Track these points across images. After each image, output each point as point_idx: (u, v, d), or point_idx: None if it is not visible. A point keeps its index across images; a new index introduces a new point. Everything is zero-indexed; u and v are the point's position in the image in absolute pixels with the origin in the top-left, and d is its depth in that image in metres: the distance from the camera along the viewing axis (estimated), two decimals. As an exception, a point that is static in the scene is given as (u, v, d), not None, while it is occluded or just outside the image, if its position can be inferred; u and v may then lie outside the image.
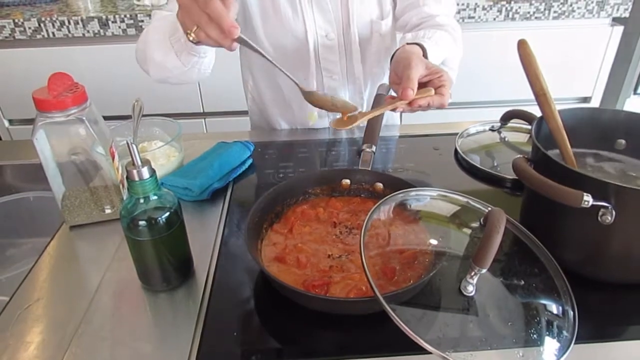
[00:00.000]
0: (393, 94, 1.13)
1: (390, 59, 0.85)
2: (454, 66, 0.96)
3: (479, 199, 0.64)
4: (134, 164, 0.57)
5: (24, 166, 0.96)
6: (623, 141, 0.71)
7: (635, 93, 2.14)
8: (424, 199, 0.67)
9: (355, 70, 1.02)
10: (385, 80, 1.08)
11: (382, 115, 0.83)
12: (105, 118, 1.99)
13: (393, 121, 1.16)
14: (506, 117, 0.90)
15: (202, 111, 2.04)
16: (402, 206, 0.65)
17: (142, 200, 0.59)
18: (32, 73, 1.91)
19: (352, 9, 0.94)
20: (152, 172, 0.58)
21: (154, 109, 1.99)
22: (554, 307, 0.59)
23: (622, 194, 0.54)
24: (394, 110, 0.73)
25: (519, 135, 0.92)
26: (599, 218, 0.56)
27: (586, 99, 2.13)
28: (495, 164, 0.90)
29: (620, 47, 2.01)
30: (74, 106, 0.68)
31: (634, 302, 0.63)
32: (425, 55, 0.82)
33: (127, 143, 0.55)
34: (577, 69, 2.04)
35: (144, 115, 0.94)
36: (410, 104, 0.73)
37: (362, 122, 0.73)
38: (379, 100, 0.84)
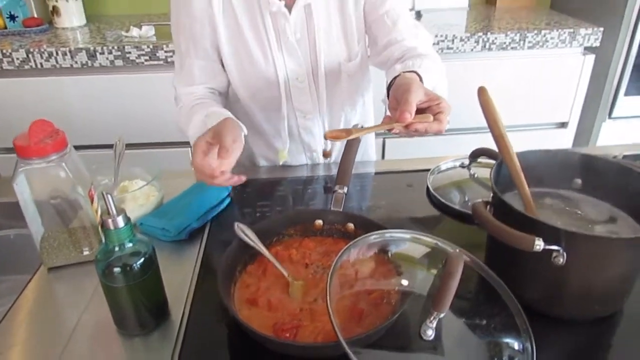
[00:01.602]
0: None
1: (387, 88, 0.90)
2: (444, 93, 0.98)
3: (450, 236, 0.66)
4: (109, 213, 0.59)
5: (5, 204, 0.98)
6: (579, 180, 0.75)
7: (610, 117, 2.21)
8: (394, 240, 0.69)
9: (326, 111, 1.06)
10: (357, 118, 1.12)
11: (354, 155, 0.86)
12: (92, 147, 2.03)
13: (368, 157, 1.20)
14: (474, 155, 0.93)
15: (187, 139, 2.06)
16: (371, 248, 0.68)
17: (117, 248, 0.61)
18: (18, 102, 1.94)
19: (320, 53, 0.99)
20: (127, 220, 0.60)
21: (141, 138, 2.03)
22: (515, 344, 0.61)
23: (572, 238, 0.58)
24: (390, 130, 0.76)
25: (487, 171, 0.95)
26: (552, 260, 0.59)
27: (564, 124, 2.19)
28: (467, 199, 0.94)
29: (593, 74, 2.08)
30: (54, 152, 0.71)
31: (591, 337, 0.66)
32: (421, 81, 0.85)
33: (103, 194, 0.58)
34: (554, 96, 2.11)
35: (128, 146, 0.96)
36: (407, 127, 0.75)
37: (356, 135, 0.76)
38: (350, 146, 0.87)
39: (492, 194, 0.67)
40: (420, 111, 0.78)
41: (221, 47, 0.99)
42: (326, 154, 1.11)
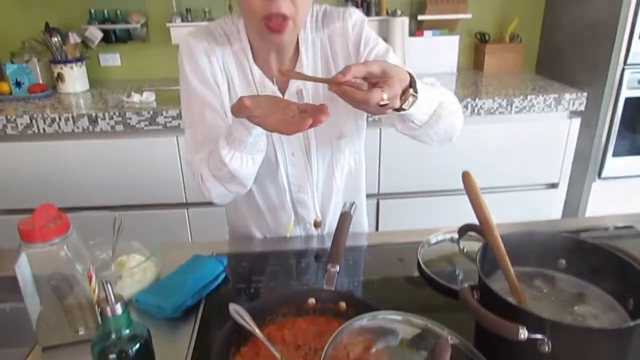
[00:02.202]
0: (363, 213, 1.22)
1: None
2: (434, 96, 0.94)
3: (441, 312, 0.68)
4: (107, 301, 0.61)
5: (2, 278, 0.99)
6: (564, 261, 0.78)
7: (599, 177, 2.26)
8: (385, 322, 0.71)
9: (319, 185, 1.10)
10: (350, 191, 1.16)
11: (346, 233, 0.89)
12: (91, 208, 2.05)
13: (361, 227, 1.23)
14: (462, 230, 0.96)
15: (184, 201, 2.10)
16: (362, 329, 0.69)
17: (113, 334, 0.63)
18: (18, 166, 1.99)
19: (311, 132, 1.04)
20: (125, 307, 0.62)
21: (139, 200, 2.07)
22: None
23: (556, 328, 0.60)
24: (329, 86, 0.79)
25: (477, 244, 0.98)
26: (537, 347, 0.61)
27: (554, 185, 2.24)
28: (457, 273, 0.96)
29: (581, 136, 2.15)
30: (56, 236, 0.73)
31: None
32: (413, 82, 0.84)
33: (102, 282, 0.60)
34: (543, 157, 2.17)
35: (127, 207, 0.97)
36: (338, 85, 0.77)
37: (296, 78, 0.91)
38: (343, 220, 0.90)
39: (478, 279, 0.69)
40: (373, 84, 0.80)
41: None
42: (317, 224, 1.14)
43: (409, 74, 0.84)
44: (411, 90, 0.83)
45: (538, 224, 1.13)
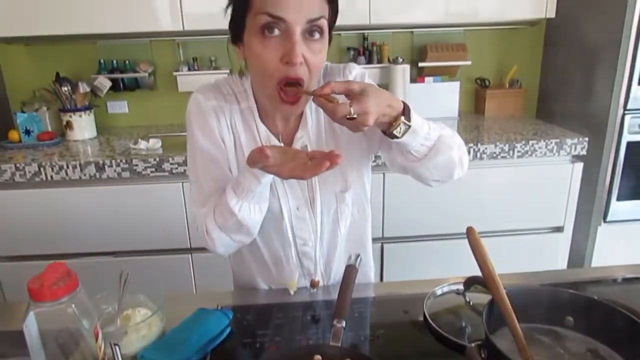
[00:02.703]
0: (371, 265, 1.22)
1: None
2: (455, 150, 0.99)
3: None
4: (115, 362, 0.61)
5: (8, 333, 0.99)
6: (571, 318, 0.78)
7: (605, 221, 2.26)
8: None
9: (324, 237, 1.11)
10: (353, 244, 1.16)
11: (352, 288, 0.89)
12: (97, 254, 2.07)
13: (366, 279, 1.23)
14: (468, 283, 0.96)
15: (189, 247, 2.11)
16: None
17: (120, 397, 0.63)
18: (25, 213, 2.01)
19: (315, 186, 1.05)
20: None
21: (144, 246, 2.07)
22: None
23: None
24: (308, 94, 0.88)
25: (483, 297, 0.98)
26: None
27: (559, 229, 2.24)
28: (464, 325, 0.95)
29: (584, 180, 2.16)
30: (65, 295, 0.74)
31: None
32: (408, 111, 0.89)
33: (111, 345, 0.60)
34: (547, 201, 2.18)
35: (132, 253, 0.98)
36: (317, 96, 0.85)
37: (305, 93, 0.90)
38: (349, 273, 0.91)
39: (484, 337, 0.69)
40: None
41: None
42: (314, 284, 1.13)
43: (404, 103, 0.89)
44: (402, 118, 0.88)
45: (545, 275, 1.13)
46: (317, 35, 0.88)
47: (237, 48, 0.96)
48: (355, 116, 0.82)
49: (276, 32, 0.86)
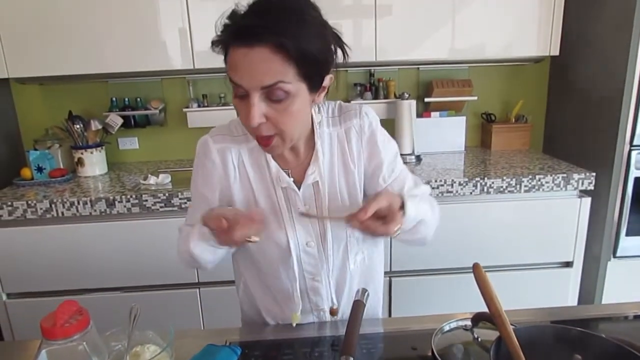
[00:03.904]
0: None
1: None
2: (429, 222, 1.12)
3: None
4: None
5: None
6: (579, 357, 0.77)
7: (614, 257, 2.24)
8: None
9: (334, 272, 1.12)
10: (363, 279, 1.17)
11: (359, 323, 0.90)
12: (107, 290, 2.07)
13: (375, 313, 1.23)
14: (476, 319, 0.96)
15: (197, 281, 2.11)
16: None
17: None
18: (35, 250, 2.03)
19: (327, 220, 1.07)
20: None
21: (153, 280, 2.08)
22: None
23: None
24: (346, 222, 0.94)
25: (491, 333, 0.98)
26: None
27: (568, 264, 2.22)
28: (472, 362, 0.95)
29: (592, 215, 2.15)
30: (77, 333, 0.75)
31: None
32: (403, 207, 0.98)
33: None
34: (555, 236, 2.17)
35: (142, 288, 0.99)
36: (360, 224, 0.91)
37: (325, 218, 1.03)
38: (357, 309, 0.91)
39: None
40: (381, 216, 0.93)
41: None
42: (333, 312, 1.15)
43: (402, 198, 0.99)
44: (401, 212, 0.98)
45: (554, 312, 1.12)
46: (280, 97, 0.88)
47: None
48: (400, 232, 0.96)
49: (241, 93, 0.89)
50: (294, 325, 1.10)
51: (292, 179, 1.07)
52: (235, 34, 0.86)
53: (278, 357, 0.98)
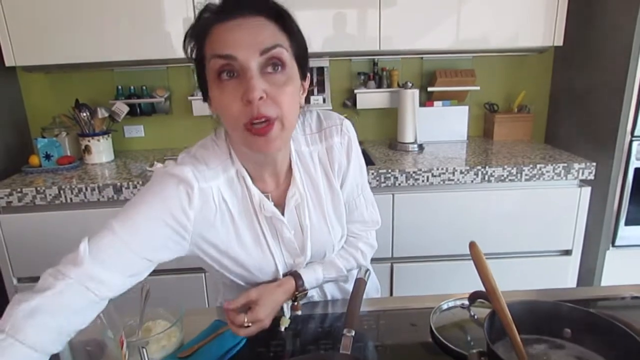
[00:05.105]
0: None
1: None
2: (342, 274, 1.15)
3: None
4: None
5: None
6: (569, 330, 0.81)
7: (613, 246, 2.27)
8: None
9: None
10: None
11: (361, 299, 0.94)
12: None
13: (376, 291, 1.27)
14: (472, 298, 1.00)
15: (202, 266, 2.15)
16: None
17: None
18: (45, 235, 2.06)
19: (307, 243, 1.07)
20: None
21: (158, 265, 2.12)
22: None
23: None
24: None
25: (487, 311, 1.01)
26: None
27: (567, 252, 2.25)
28: (468, 339, 0.99)
29: (592, 204, 2.18)
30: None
31: None
32: (299, 279, 1.07)
33: (139, 348, 0.65)
34: (555, 225, 2.20)
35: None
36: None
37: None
38: (358, 286, 0.95)
39: (486, 345, 0.73)
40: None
41: (208, 249, 1.01)
42: (296, 308, 1.10)
43: (294, 278, 1.07)
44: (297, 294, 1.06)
45: (553, 293, 1.16)
46: (277, 68, 0.83)
47: (210, 106, 0.91)
48: (249, 324, 0.96)
49: (232, 74, 0.82)
50: (283, 329, 1.05)
51: (272, 203, 1.01)
52: (223, 10, 0.83)
53: (283, 333, 1.02)
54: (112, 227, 0.90)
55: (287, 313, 1.09)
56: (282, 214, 1.02)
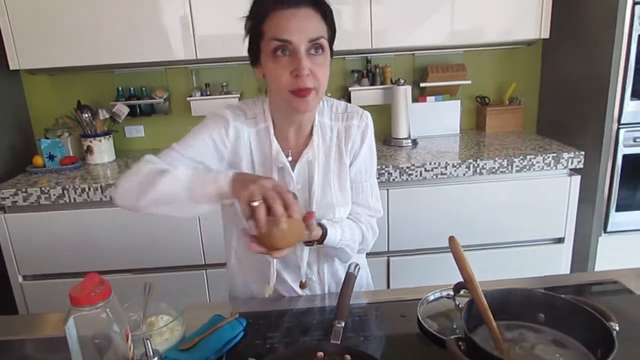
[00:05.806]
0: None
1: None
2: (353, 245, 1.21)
3: None
4: (147, 355, 0.72)
5: (42, 340, 1.11)
6: (542, 315, 0.88)
7: (605, 232, 2.33)
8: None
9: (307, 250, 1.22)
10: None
11: (351, 291, 1.00)
12: (117, 271, 2.17)
13: (368, 287, 1.33)
14: (457, 288, 1.06)
15: (203, 263, 2.22)
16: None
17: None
18: (49, 234, 2.13)
19: (314, 199, 1.19)
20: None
21: (160, 263, 2.19)
22: None
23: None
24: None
25: (471, 300, 1.08)
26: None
27: (560, 240, 2.31)
28: (454, 327, 1.05)
29: (583, 192, 2.23)
30: (101, 300, 0.85)
31: None
32: (325, 233, 1.13)
33: (143, 341, 0.71)
34: (546, 214, 2.25)
35: (151, 270, 1.08)
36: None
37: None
38: (348, 280, 1.01)
39: (463, 331, 0.79)
40: None
41: None
42: (302, 286, 1.25)
43: (323, 230, 1.13)
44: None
45: (541, 280, 1.22)
46: (319, 52, 1.06)
47: (256, 69, 1.14)
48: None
49: (285, 53, 1.03)
50: (267, 296, 1.19)
51: (290, 159, 1.18)
52: (282, 1, 1.02)
53: (278, 326, 1.08)
54: (173, 147, 1.17)
55: (272, 282, 1.20)
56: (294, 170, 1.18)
